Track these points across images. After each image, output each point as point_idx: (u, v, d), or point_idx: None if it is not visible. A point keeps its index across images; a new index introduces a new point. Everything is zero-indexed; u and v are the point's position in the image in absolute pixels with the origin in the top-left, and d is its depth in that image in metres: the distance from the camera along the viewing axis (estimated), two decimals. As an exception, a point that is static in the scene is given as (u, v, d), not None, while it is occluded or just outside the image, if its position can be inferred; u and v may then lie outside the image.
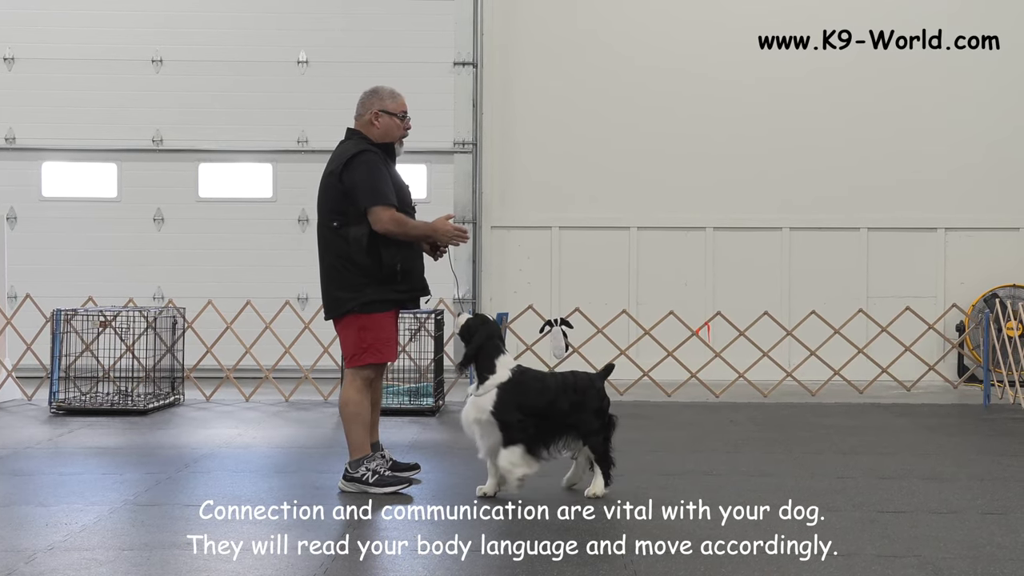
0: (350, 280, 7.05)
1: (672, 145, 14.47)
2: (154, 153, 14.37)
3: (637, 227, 14.51)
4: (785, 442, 9.35)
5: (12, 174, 14.34)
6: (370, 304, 7.04)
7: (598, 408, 7.12)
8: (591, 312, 12.73)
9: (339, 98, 14.29)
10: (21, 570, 5.31)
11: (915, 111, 14.45)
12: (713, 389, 12.35)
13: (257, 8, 14.40)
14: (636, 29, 14.53)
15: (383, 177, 7.12)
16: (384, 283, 7.07)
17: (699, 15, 14.53)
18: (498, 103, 14.50)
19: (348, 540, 5.78)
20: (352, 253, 7.03)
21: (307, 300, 13.99)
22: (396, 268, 7.08)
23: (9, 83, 14.34)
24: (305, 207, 14.23)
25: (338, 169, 7.11)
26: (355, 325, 7.08)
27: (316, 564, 5.42)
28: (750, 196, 14.47)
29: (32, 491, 7.13)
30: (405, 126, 7.43)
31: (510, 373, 7.06)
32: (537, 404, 6.99)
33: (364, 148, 7.18)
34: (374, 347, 7.09)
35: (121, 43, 14.32)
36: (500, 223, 14.51)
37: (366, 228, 7.01)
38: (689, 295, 14.15)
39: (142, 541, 5.77)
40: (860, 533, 6.07)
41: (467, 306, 13.85)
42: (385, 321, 7.12)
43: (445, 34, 14.44)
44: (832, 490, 7.21)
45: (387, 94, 7.39)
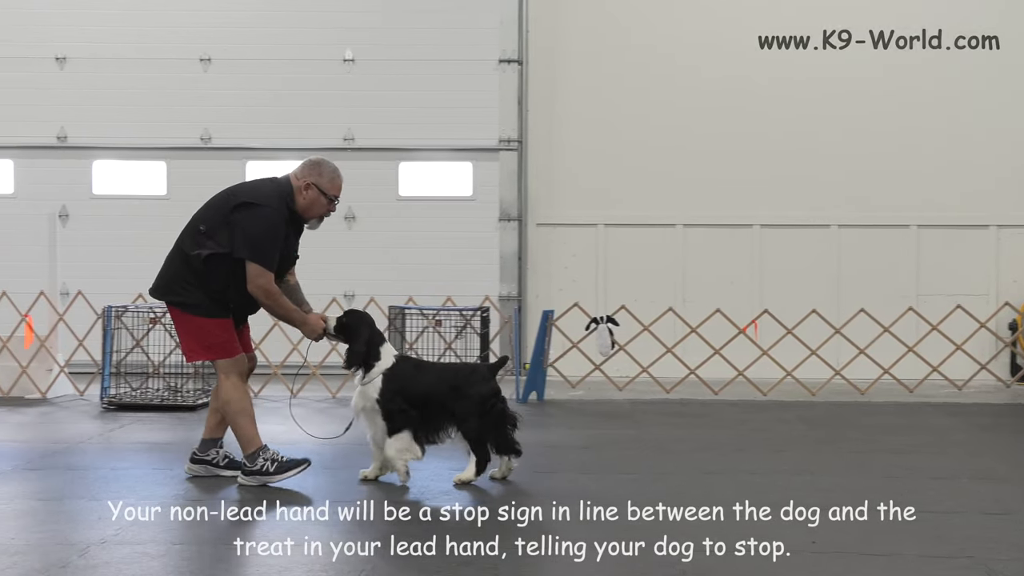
0: (187, 276, 7.15)
1: (718, 143, 14.38)
2: (202, 151, 14.48)
3: (684, 224, 14.45)
4: (833, 441, 9.29)
5: (64, 172, 14.48)
6: (196, 307, 7.14)
7: (478, 396, 7.26)
8: (637, 310, 12.69)
9: (385, 96, 14.39)
10: (75, 563, 5.37)
11: (974, 113, 14.26)
12: (760, 387, 12.28)
13: (304, 7, 14.46)
14: (678, 28, 14.42)
15: (275, 241, 7.11)
16: (213, 299, 7.16)
17: (741, 13, 14.43)
18: (543, 100, 14.49)
19: (393, 539, 5.78)
20: (199, 263, 7.10)
21: (353, 297, 14.04)
22: (228, 304, 7.20)
23: (61, 83, 14.48)
24: (352, 205, 14.27)
25: (242, 201, 7.12)
26: (192, 324, 7.17)
27: (360, 563, 5.42)
28: (798, 193, 14.36)
29: (85, 485, 7.21)
30: (330, 208, 7.45)
31: (393, 360, 7.30)
32: (418, 391, 7.21)
33: (276, 206, 7.15)
34: (217, 345, 7.19)
35: (170, 42, 14.42)
36: (545, 220, 14.50)
37: (224, 262, 7.05)
38: (736, 293, 14.07)
39: (192, 536, 5.82)
40: (910, 533, 6.02)
41: (513, 304, 13.84)
42: (217, 324, 7.19)
43: (490, 31, 14.43)
44: (881, 489, 7.14)
45: (328, 172, 7.42)
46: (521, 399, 11.69)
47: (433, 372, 7.47)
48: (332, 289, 13.60)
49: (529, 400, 11.72)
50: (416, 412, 7.19)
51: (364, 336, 7.30)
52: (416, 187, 14.48)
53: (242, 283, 7.06)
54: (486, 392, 7.29)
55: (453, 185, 14.47)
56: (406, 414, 7.17)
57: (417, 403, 7.21)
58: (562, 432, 9.83)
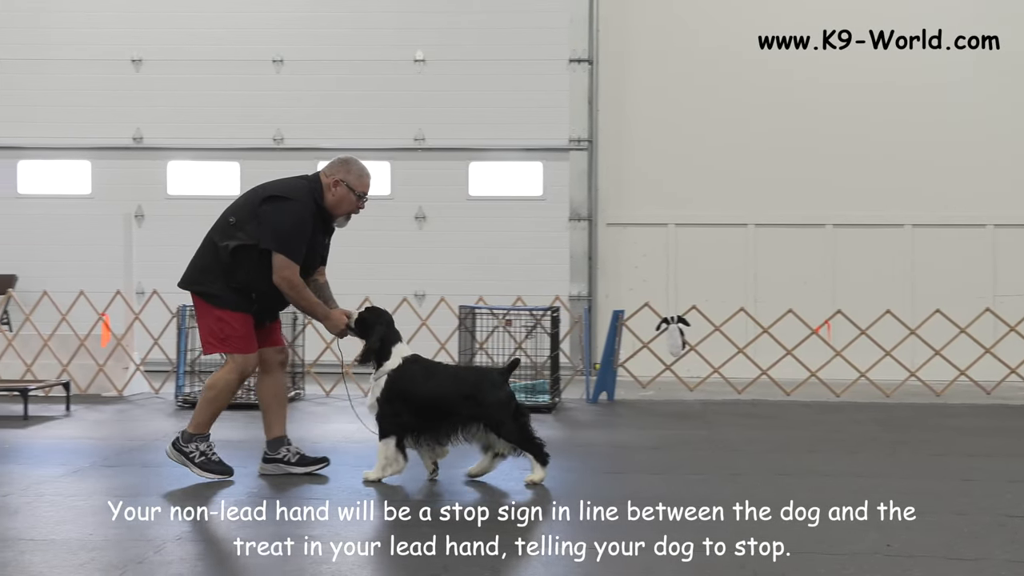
0: (214, 267, 7.25)
1: (788, 142, 14.27)
2: (274, 152, 14.62)
3: (755, 224, 14.34)
4: (908, 443, 9.16)
5: (139, 173, 14.71)
6: (218, 298, 7.22)
7: (498, 401, 7.16)
8: (708, 310, 12.60)
9: (455, 96, 14.44)
10: (151, 559, 5.44)
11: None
12: (834, 388, 12.14)
13: (375, 8, 14.55)
14: (746, 28, 14.29)
15: (301, 233, 7.18)
16: (238, 293, 7.23)
17: (808, 12, 14.27)
18: (613, 100, 14.45)
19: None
20: (227, 254, 7.21)
21: (424, 297, 14.10)
22: (251, 296, 7.25)
23: (137, 84, 14.71)
24: (422, 205, 14.34)
25: (270, 194, 7.26)
26: (212, 315, 7.25)
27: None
28: (872, 193, 14.21)
29: (160, 482, 7.30)
30: (359, 206, 7.46)
31: (401, 361, 7.25)
32: (423, 394, 7.14)
33: (304, 200, 7.23)
34: (234, 339, 7.26)
35: (243, 44, 14.58)
36: (615, 220, 14.46)
37: (251, 254, 7.16)
38: (808, 293, 13.93)
39: (266, 534, 5.85)
40: (988, 537, 5.91)
41: (583, 304, 13.82)
42: (237, 318, 7.26)
43: (560, 31, 14.42)
44: (958, 493, 7.03)
45: (356, 171, 7.43)
46: (591, 399, 11.67)
47: (443, 376, 7.37)
48: (402, 289, 13.66)
49: (599, 400, 11.69)
50: (413, 417, 7.14)
51: (378, 333, 7.33)
52: (486, 187, 14.51)
53: (268, 275, 7.15)
54: (503, 397, 7.23)
55: (523, 185, 14.48)
56: (397, 419, 7.14)
57: (422, 407, 7.15)
58: (632, 432, 9.79)
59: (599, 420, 10.65)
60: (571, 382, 12.27)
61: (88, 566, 5.29)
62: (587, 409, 11.26)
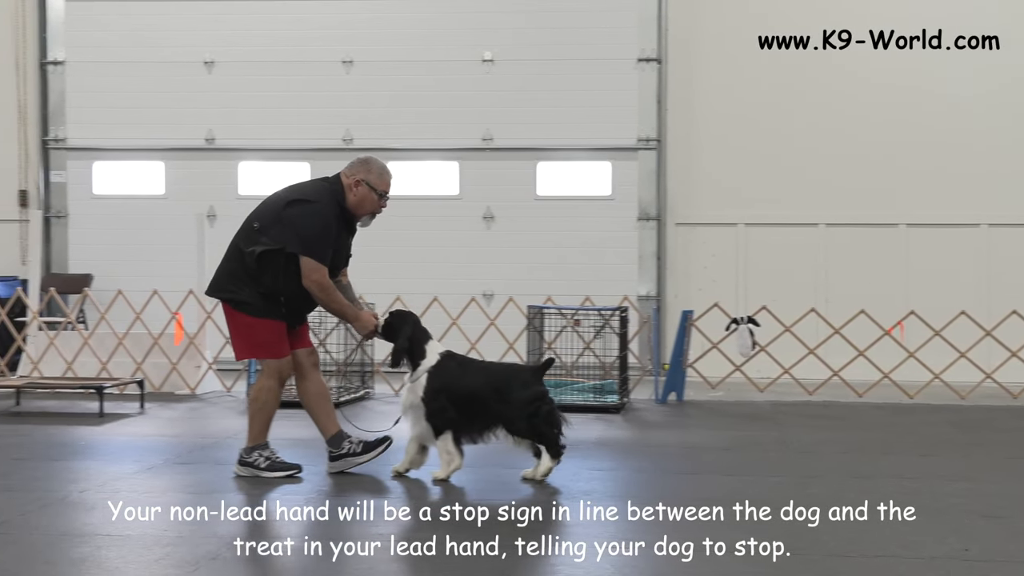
0: (241, 273, 7.32)
1: (859, 141, 14.07)
2: (344, 152, 14.67)
3: (826, 224, 14.19)
4: (984, 445, 9.03)
5: (211, 174, 14.85)
6: (248, 305, 7.29)
7: (520, 399, 7.16)
8: (778, 310, 12.48)
9: (523, 96, 14.43)
10: (224, 555, 5.49)
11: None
12: (907, 390, 11.98)
13: (443, 8, 14.58)
14: (814, 26, 14.08)
15: (327, 236, 7.24)
16: (267, 299, 7.28)
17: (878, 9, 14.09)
18: (681, 100, 14.35)
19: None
20: (252, 260, 7.26)
21: (492, 296, 14.11)
22: (280, 300, 7.30)
23: (209, 86, 14.86)
24: (490, 205, 14.36)
25: (294, 198, 7.31)
26: (243, 322, 7.33)
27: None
28: (946, 192, 14.00)
29: (232, 480, 7.37)
30: (381, 204, 7.51)
31: (439, 357, 7.32)
32: (462, 389, 7.22)
33: (327, 202, 7.29)
34: (266, 345, 7.32)
35: (313, 45, 14.67)
36: (684, 220, 14.37)
37: (276, 259, 7.20)
38: (881, 293, 13.72)
39: (337, 533, 5.88)
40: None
41: (652, 304, 13.75)
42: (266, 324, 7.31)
43: (627, 30, 14.36)
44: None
45: (377, 169, 7.47)
46: (660, 400, 11.61)
47: (478, 371, 7.46)
48: (470, 289, 13.68)
49: (668, 401, 11.63)
50: (456, 411, 7.20)
51: (406, 334, 7.36)
52: (554, 187, 14.49)
53: (294, 279, 7.21)
54: (528, 396, 7.21)
55: (591, 184, 14.45)
56: (447, 414, 7.20)
57: (461, 402, 7.23)
58: (703, 433, 9.73)
59: (668, 421, 10.60)
60: (640, 382, 12.21)
61: (163, 562, 5.36)
62: (656, 410, 11.21)
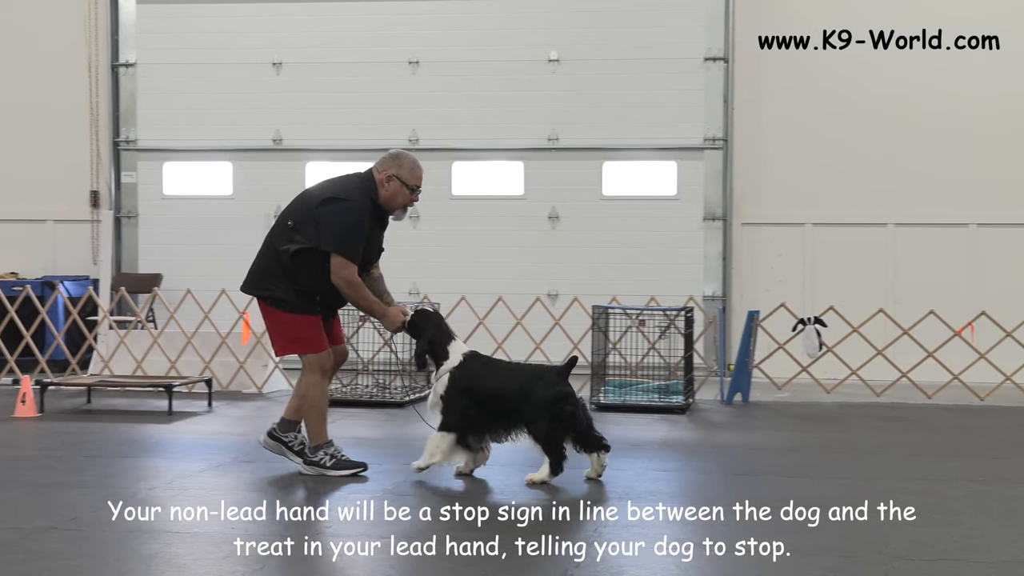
0: (276, 271, 7.36)
1: (926, 142, 13.90)
2: (411, 152, 14.72)
3: (895, 223, 14.03)
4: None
5: (279, 174, 14.97)
6: (284, 303, 7.32)
7: (543, 400, 7.12)
8: (845, 311, 12.36)
9: (589, 96, 14.41)
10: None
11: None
12: (977, 392, 11.80)
13: (509, 9, 14.59)
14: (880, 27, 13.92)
15: (359, 233, 7.29)
16: (302, 296, 7.33)
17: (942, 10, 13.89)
18: (748, 99, 14.25)
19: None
20: (287, 258, 7.30)
21: (557, 296, 14.10)
22: (315, 298, 7.37)
23: (277, 87, 14.99)
24: (555, 204, 14.35)
25: (327, 196, 7.34)
26: (281, 319, 7.37)
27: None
28: (1019, 192, 13.78)
29: (298, 478, 7.43)
30: (413, 199, 7.57)
31: (462, 357, 7.35)
32: (485, 389, 7.22)
33: (360, 199, 7.34)
34: (305, 340, 7.37)
35: (380, 46, 14.75)
36: (751, 220, 14.27)
37: (312, 257, 7.24)
38: (950, 294, 13.53)
39: (400, 532, 5.91)
40: None
41: (717, 304, 13.68)
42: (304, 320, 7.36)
43: (694, 29, 14.29)
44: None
45: (408, 164, 7.56)
46: (726, 400, 11.55)
47: (502, 371, 7.48)
48: (536, 289, 13.68)
49: (734, 401, 11.57)
50: (477, 412, 7.23)
51: (427, 336, 7.40)
52: (620, 186, 14.45)
53: (328, 276, 7.26)
54: (551, 396, 7.17)
55: (657, 184, 14.39)
56: (464, 415, 7.23)
57: (484, 401, 7.25)
58: (768, 434, 9.66)
59: (734, 422, 10.53)
60: (705, 383, 12.15)
61: (230, 559, 5.42)
62: (721, 410, 11.15)
